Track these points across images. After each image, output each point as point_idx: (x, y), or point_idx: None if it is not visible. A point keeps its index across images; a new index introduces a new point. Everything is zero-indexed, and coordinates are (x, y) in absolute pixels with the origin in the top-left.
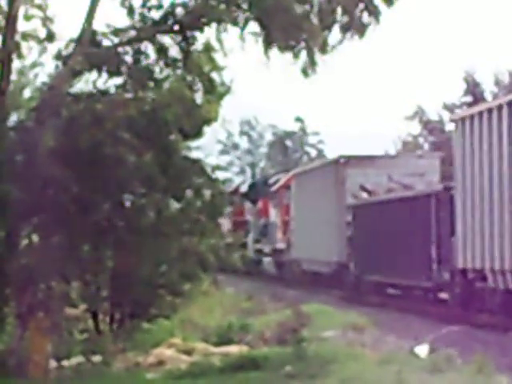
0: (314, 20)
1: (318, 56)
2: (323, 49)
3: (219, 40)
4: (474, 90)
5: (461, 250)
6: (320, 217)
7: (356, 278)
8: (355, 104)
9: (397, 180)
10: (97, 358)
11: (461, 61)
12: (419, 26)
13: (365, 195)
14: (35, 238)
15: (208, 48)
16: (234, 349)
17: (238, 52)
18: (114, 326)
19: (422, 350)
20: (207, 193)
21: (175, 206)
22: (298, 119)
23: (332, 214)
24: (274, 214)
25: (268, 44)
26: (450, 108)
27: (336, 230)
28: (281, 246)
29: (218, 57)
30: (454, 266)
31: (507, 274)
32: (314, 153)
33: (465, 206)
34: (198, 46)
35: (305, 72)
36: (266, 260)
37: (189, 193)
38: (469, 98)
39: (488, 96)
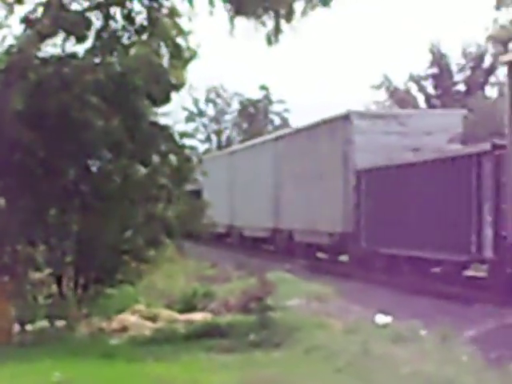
0: None
1: (284, 24)
2: (289, 16)
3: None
4: (439, 61)
5: None
6: None
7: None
8: (321, 74)
9: None
10: (61, 323)
11: (428, 31)
12: None
13: None
14: (1, 201)
15: (174, 13)
16: (198, 316)
17: (204, 19)
18: (79, 291)
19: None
20: (174, 159)
21: (142, 171)
22: (263, 87)
23: None
24: None
25: (235, 12)
26: (416, 80)
27: None
28: None
29: (183, 23)
30: None
31: None
32: (278, 121)
33: None
34: (165, 10)
35: (269, 40)
36: None
37: (156, 159)
38: (435, 70)
39: (454, 68)
